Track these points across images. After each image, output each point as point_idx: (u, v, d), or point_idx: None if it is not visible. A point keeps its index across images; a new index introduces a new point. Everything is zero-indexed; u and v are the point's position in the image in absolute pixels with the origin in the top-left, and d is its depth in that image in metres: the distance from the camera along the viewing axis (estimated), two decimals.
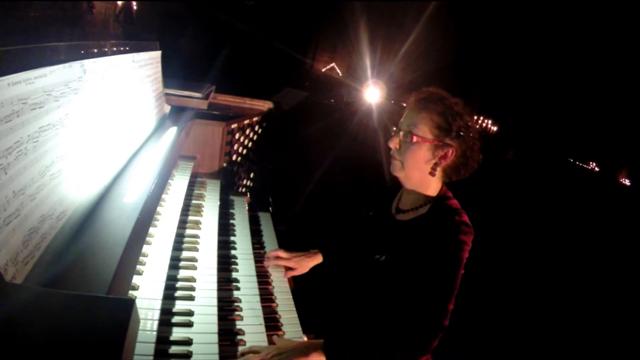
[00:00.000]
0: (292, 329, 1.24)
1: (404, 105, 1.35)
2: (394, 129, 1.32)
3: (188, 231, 1.42)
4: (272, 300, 1.34)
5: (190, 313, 1.05)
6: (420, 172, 1.28)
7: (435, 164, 1.25)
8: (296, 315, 1.31)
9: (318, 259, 1.64)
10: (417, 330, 1.12)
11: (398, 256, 1.28)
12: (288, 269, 1.55)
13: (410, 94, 1.32)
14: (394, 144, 1.30)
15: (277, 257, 1.56)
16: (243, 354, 1.07)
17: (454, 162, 1.26)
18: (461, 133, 1.23)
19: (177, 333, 0.99)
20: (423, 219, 1.28)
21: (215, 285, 1.19)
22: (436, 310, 1.13)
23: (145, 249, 1.11)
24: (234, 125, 2.08)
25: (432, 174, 1.27)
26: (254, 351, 1.07)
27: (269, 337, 1.14)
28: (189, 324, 1.02)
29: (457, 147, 1.24)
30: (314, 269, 1.64)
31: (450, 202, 1.28)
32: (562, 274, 4.37)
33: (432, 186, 1.31)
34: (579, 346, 3.04)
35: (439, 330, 1.12)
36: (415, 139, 1.24)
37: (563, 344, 3.03)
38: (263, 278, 1.43)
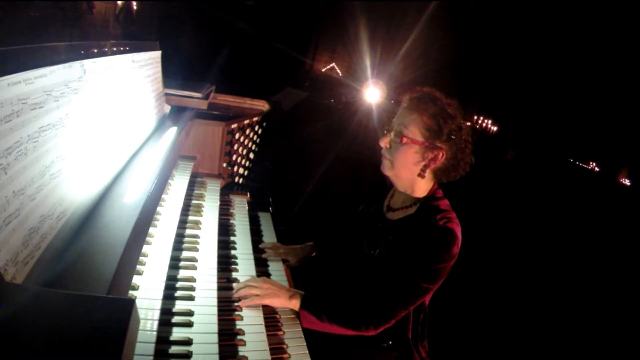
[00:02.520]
0: (292, 328, 1.24)
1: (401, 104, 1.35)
2: (387, 127, 1.33)
3: (188, 231, 1.42)
4: None
5: (190, 313, 1.05)
6: (410, 172, 1.27)
7: (425, 166, 1.24)
8: (296, 315, 1.30)
9: (312, 252, 1.67)
10: (366, 314, 1.23)
11: (385, 253, 1.30)
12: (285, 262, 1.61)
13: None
14: (384, 142, 1.30)
15: (274, 247, 1.60)
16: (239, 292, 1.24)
17: (444, 164, 1.24)
18: (452, 136, 1.21)
19: (177, 333, 0.99)
20: (409, 221, 1.29)
21: (215, 285, 1.19)
22: (385, 309, 1.22)
23: (145, 249, 1.11)
24: (234, 125, 2.08)
25: (421, 175, 1.26)
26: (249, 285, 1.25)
27: (269, 337, 1.14)
28: (189, 324, 1.02)
29: (448, 150, 1.22)
30: (310, 262, 1.67)
31: (438, 204, 1.27)
32: (562, 274, 4.37)
33: (422, 187, 1.30)
34: (578, 346, 3.04)
35: (381, 322, 1.23)
36: (405, 139, 1.23)
37: (563, 344, 3.03)
38: None
